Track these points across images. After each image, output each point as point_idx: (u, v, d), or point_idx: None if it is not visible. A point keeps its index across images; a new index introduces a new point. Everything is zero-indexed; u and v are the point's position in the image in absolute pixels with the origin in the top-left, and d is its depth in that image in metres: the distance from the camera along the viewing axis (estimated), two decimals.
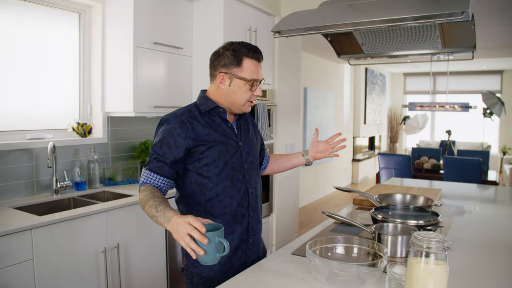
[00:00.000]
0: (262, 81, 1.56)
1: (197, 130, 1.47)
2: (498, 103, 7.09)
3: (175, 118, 1.48)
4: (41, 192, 2.58)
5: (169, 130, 1.46)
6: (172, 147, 1.44)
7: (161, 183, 1.45)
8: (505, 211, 2.36)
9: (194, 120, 1.49)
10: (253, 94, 1.52)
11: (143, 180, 1.46)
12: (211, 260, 1.18)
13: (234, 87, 1.50)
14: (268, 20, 3.75)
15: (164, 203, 1.32)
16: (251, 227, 1.58)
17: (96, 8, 2.92)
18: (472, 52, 1.97)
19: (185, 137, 1.45)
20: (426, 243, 1.07)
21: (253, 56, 1.51)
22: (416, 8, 1.34)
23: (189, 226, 1.15)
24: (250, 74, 1.50)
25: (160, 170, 1.44)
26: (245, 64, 1.50)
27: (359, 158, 8.79)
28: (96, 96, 2.95)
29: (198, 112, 1.53)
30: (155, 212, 1.30)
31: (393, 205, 1.92)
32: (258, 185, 1.64)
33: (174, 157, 1.44)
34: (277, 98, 3.94)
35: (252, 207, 1.58)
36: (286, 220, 4.22)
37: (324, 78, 7.33)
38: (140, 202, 1.40)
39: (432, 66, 5.85)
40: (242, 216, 1.54)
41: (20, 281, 1.88)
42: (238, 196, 1.53)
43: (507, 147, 9.15)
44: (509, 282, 1.30)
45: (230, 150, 1.52)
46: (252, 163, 1.61)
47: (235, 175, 1.52)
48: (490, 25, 4.42)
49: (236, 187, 1.52)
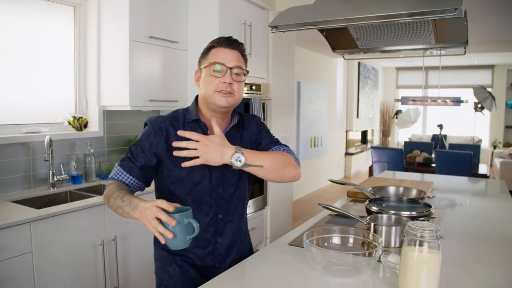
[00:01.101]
0: (238, 73, 1.39)
1: (170, 142, 1.35)
2: (489, 98, 7.17)
3: (155, 122, 1.40)
4: (38, 186, 2.59)
5: (147, 133, 1.39)
6: (146, 152, 1.37)
7: (129, 182, 1.37)
8: (495, 203, 2.42)
9: (172, 130, 1.38)
10: (220, 82, 1.36)
11: (112, 175, 1.39)
12: (181, 243, 1.13)
13: (203, 78, 1.41)
14: (263, 14, 3.76)
15: (130, 194, 1.27)
16: (217, 253, 1.45)
17: (91, 2, 2.92)
18: (464, 48, 2.01)
19: (156, 145, 1.37)
20: (420, 232, 1.11)
21: (221, 44, 1.40)
22: (410, 4, 1.37)
23: (155, 209, 1.10)
24: (213, 58, 1.38)
25: (130, 170, 1.37)
26: (211, 52, 1.40)
27: (352, 152, 8.86)
28: (92, 89, 2.96)
29: (183, 120, 1.42)
30: (121, 202, 1.24)
31: (386, 197, 1.96)
32: (237, 209, 1.48)
33: (145, 162, 1.37)
34: (271, 92, 3.96)
35: (221, 233, 1.44)
36: (280, 213, 4.26)
37: (317, 72, 7.37)
38: (105, 197, 1.33)
39: (424, 61, 5.91)
40: (206, 242, 1.43)
41: (20, 273, 1.90)
42: (204, 222, 1.40)
43: (498, 141, 9.28)
44: (501, 270, 1.35)
45: (203, 171, 1.38)
46: (230, 186, 1.44)
47: (204, 198, 1.40)
48: (481, 20, 4.47)
49: (203, 211, 1.40)
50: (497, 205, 2.36)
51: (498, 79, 9.57)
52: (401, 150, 5.72)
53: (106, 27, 2.88)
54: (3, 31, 2.51)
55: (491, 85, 9.54)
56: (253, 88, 3.62)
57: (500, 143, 9.28)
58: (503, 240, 1.68)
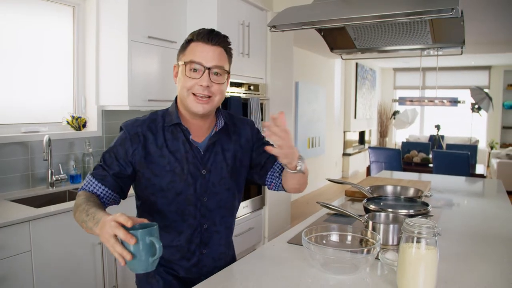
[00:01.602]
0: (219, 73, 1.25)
1: (149, 149, 1.25)
2: (486, 99, 7.21)
3: (131, 127, 1.27)
4: (36, 185, 2.59)
5: (122, 139, 1.26)
6: (120, 159, 1.24)
7: (101, 193, 1.23)
8: (492, 203, 2.44)
9: (150, 135, 1.26)
10: (196, 84, 1.22)
11: (83, 186, 1.24)
12: (142, 266, 0.96)
13: (179, 78, 1.27)
14: (261, 15, 3.78)
15: (97, 206, 1.11)
16: (202, 264, 1.36)
17: (90, 2, 2.93)
18: (461, 48, 2.03)
19: (132, 153, 1.24)
20: (417, 229, 1.12)
21: (200, 38, 1.23)
22: (407, 4, 1.39)
23: (113, 224, 0.93)
24: (190, 56, 1.23)
25: (103, 179, 1.23)
26: (189, 47, 1.25)
27: (350, 152, 8.88)
28: (91, 89, 2.96)
29: (162, 124, 1.29)
30: (85, 216, 1.08)
31: (384, 196, 1.98)
32: (223, 220, 1.37)
33: (119, 171, 1.24)
34: (269, 92, 3.97)
35: (206, 244, 1.35)
36: (279, 212, 4.27)
37: (315, 72, 7.39)
38: (73, 209, 1.18)
39: (421, 62, 5.94)
40: (190, 253, 1.33)
41: (19, 272, 1.90)
42: (188, 233, 1.30)
43: (495, 142, 9.32)
44: (500, 268, 1.36)
45: (186, 180, 1.27)
46: (216, 195, 1.33)
47: (187, 209, 1.29)
48: (478, 20, 4.50)
49: (187, 222, 1.30)
50: (494, 204, 2.38)
51: (495, 80, 9.62)
52: (399, 151, 5.74)
53: (105, 27, 2.88)
54: (2, 31, 2.51)
55: (488, 86, 9.58)
56: (251, 88, 3.63)
57: (497, 143, 9.32)
58: (501, 239, 1.69)
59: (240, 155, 1.39)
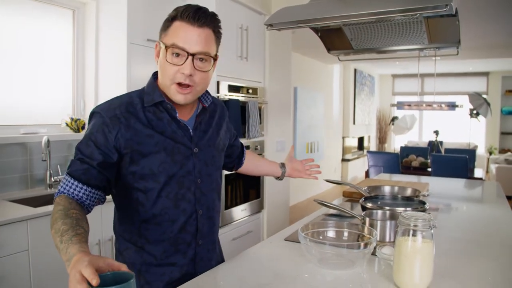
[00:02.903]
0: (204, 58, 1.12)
1: (136, 127, 1.12)
2: (484, 104, 7.24)
3: (107, 110, 1.12)
4: (35, 186, 2.59)
5: (99, 125, 1.10)
6: (101, 146, 1.09)
7: (83, 194, 1.08)
8: (491, 204, 2.45)
9: (132, 117, 1.12)
10: (178, 71, 1.10)
11: (60, 189, 1.09)
12: None
13: (160, 62, 1.15)
14: (259, 19, 3.80)
15: (74, 228, 0.94)
16: (198, 258, 1.26)
17: (90, 5, 2.95)
18: (457, 48, 2.04)
19: (115, 137, 1.09)
20: (413, 221, 1.12)
21: (184, 17, 1.09)
22: (402, 3, 1.41)
23: (78, 277, 0.76)
24: (171, 39, 1.10)
25: (85, 174, 1.07)
26: (172, 26, 1.11)
27: (348, 158, 8.89)
28: (90, 91, 2.98)
29: (141, 105, 1.15)
30: (59, 242, 0.93)
31: (382, 195, 1.98)
32: (215, 204, 1.29)
33: (103, 159, 1.08)
34: (267, 96, 3.99)
35: (202, 233, 1.25)
36: (277, 216, 4.27)
37: (314, 78, 7.42)
38: (50, 221, 1.00)
39: (420, 68, 5.98)
40: (186, 245, 1.22)
41: (16, 271, 1.90)
42: (182, 220, 1.19)
43: (493, 148, 9.34)
44: (497, 264, 1.36)
45: (178, 160, 1.17)
46: (209, 176, 1.25)
47: (180, 193, 1.18)
48: (476, 22, 4.52)
49: (180, 208, 1.18)
50: (493, 206, 2.38)
51: (493, 86, 9.67)
52: (397, 155, 5.76)
53: (104, 29, 2.90)
54: (3, 33, 2.53)
55: (486, 92, 9.63)
56: (249, 92, 3.65)
57: (495, 149, 9.34)
58: (499, 237, 1.70)
59: (223, 133, 1.37)
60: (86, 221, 1.03)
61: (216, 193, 1.31)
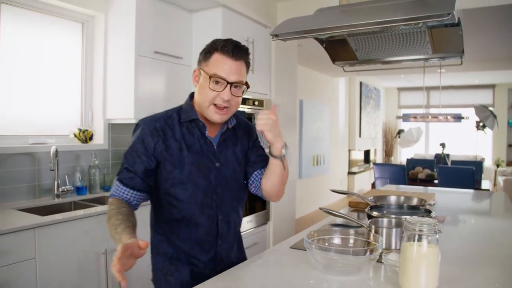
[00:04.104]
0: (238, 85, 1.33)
1: (169, 142, 1.33)
2: (490, 116, 7.21)
3: (149, 123, 1.35)
4: (43, 196, 2.62)
5: (141, 136, 1.33)
6: (142, 155, 1.31)
7: (130, 196, 1.32)
8: (498, 215, 2.43)
9: (169, 130, 1.34)
10: (218, 95, 1.30)
11: (113, 192, 1.34)
12: None
13: (201, 83, 1.34)
14: (265, 32, 3.85)
15: (125, 223, 1.19)
16: (219, 257, 1.44)
17: (98, 18, 3.01)
18: (461, 58, 2.06)
19: (154, 147, 1.31)
20: (418, 226, 1.12)
21: (224, 50, 1.29)
22: (405, 12, 1.43)
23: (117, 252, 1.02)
24: (213, 69, 1.30)
25: (131, 181, 1.31)
26: (213, 58, 1.31)
27: (355, 171, 8.86)
28: (98, 103, 3.02)
29: (178, 120, 1.38)
30: (114, 233, 1.17)
31: (387, 204, 1.98)
32: (233, 212, 1.46)
33: (145, 168, 1.31)
34: None
35: (222, 236, 1.43)
36: (283, 228, 4.25)
37: (319, 91, 7.46)
38: (106, 216, 1.27)
39: (425, 81, 5.99)
40: (209, 246, 1.41)
41: (23, 279, 1.91)
42: (206, 225, 1.38)
43: (501, 160, 9.27)
44: (504, 272, 1.36)
45: (203, 172, 1.36)
46: (228, 187, 1.42)
47: (205, 201, 1.37)
48: (480, 35, 4.53)
49: (205, 214, 1.37)
50: (500, 214, 2.37)
51: (499, 99, 9.64)
52: (403, 167, 5.74)
53: (112, 42, 2.96)
54: (15, 46, 2.59)
55: (492, 105, 9.60)
56: (255, 104, 3.68)
57: (503, 161, 9.26)
58: (507, 247, 1.69)
59: (245, 150, 1.51)
60: (134, 216, 1.28)
61: (236, 201, 1.47)
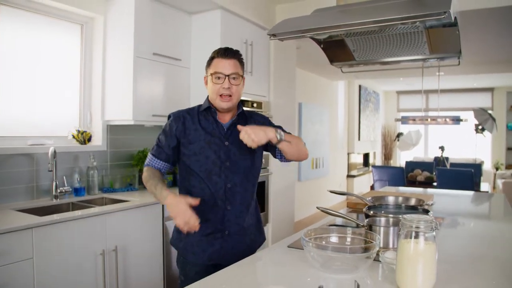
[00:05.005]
0: (235, 77, 1.71)
1: (187, 125, 1.75)
2: (489, 119, 7.22)
3: (175, 113, 1.80)
4: (41, 197, 2.61)
5: (169, 123, 1.79)
6: (168, 136, 1.75)
7: (160, 166, 1.78)
8: (498, 215, 2.43)
9: (189, 116, 1.77)
10: (221, 87, 1.69)
11: (147, 162, 1.80)
12: None
13: (208, 83, 1.75)
14: (263, 34, 3.86)
15: (160, 183, 1.68)
16: (226, 219, 1.72)
17: (97, 20, 3.02)
18: (458, 58, 2.06)
19: (175, 129, 1.74)
20: (415, 223, 1.12)
21: (220, 55, 1.72)
22: (402, 11, 1.44)
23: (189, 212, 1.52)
24: (213, 69, 1.72)
25: (159, 154, 1.77)
26: (213, 62, 1.73)
27: (354, 174, 8.86)
28: (96, 104, 3.02)
29: (198, 110, 1.80)
30: (154, 190, 1.67)
31: (385, 204, 1.98)
32: (241, 185, 1.75)
33: (169, 144, 1.75)
34: (272, 110, 4.02)
35: (229, 200, 1.73)
36: (282, 230, 4.25)
37: (318, 94, 7.46)
38: (144, 179, 1.75)
39: (424, 84, 5.99)
40: (217, 207, 1.72)
41: (20, 279, 1.90)
42: (214, 189, 1.71)
43: (500, 163, 9.27)
44: (502, 270, 1.36)
45: (213, 147, 1.72)
46: (237, 163, 1.74)
47: (213, 169, 1.71)
48: (478, 38, 4.53)
49: (212, 180, 1.71)
50: (499, 215, 2.37)
51: (498, 102, 9.65)
52: (402, 169, 5.74)
53: (111, 43, 2.97)
54: (14, 47, 2.60)
55: (491, 108, 9.61)
56: (254, 106, 3.68)
57: (502, 164, 9.27)
58: (506, 248, 1.69)
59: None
60: (164, 179, 1.76)
61: (245, 176, 1.76)
